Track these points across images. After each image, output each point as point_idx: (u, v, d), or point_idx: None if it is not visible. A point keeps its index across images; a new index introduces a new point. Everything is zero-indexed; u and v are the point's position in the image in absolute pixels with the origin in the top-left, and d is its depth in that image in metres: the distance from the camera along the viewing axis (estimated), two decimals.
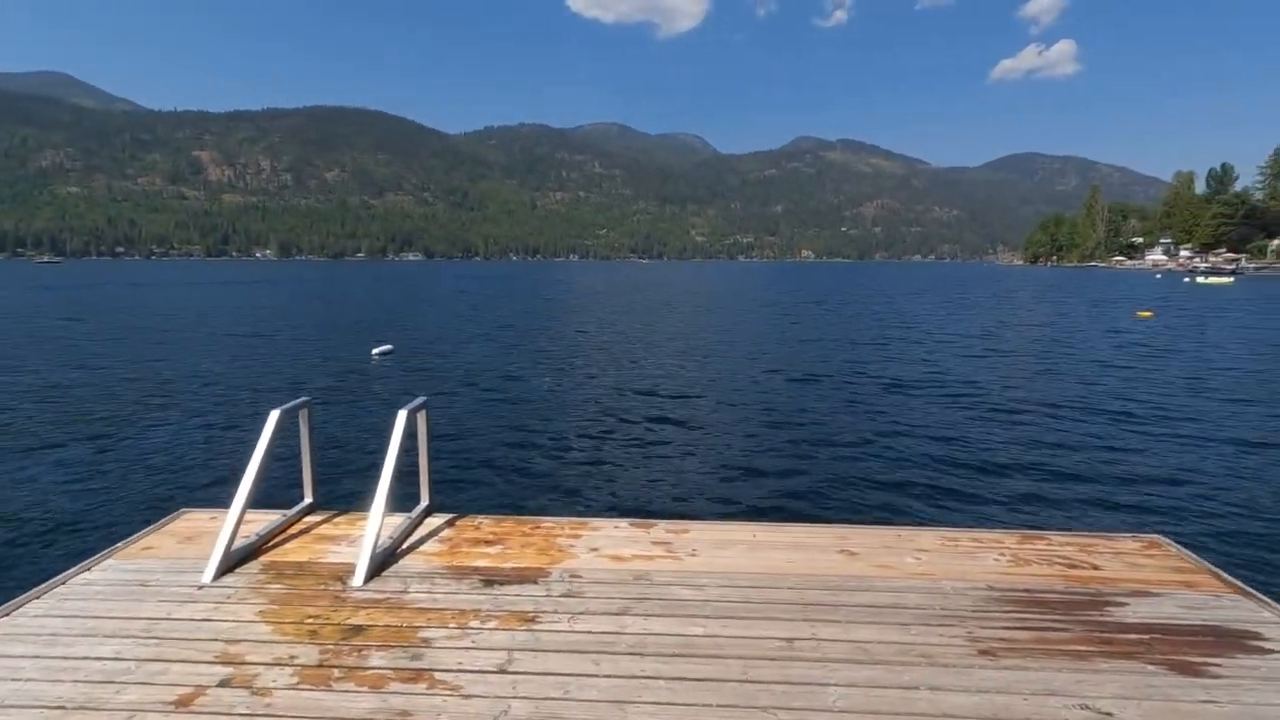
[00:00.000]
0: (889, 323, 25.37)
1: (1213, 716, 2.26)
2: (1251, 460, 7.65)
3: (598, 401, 10.65)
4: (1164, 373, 13.98)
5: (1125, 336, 20.94)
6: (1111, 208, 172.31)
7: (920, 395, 11.08)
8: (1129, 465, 7.46)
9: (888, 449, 7.87)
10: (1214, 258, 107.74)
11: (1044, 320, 27.52)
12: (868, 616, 2.76)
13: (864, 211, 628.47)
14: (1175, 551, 3.47)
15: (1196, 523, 5.69)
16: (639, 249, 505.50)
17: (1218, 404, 10.82)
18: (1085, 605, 2.94)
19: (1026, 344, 19.21)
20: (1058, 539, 3.59)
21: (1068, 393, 11.65)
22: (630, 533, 3.57)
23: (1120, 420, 9.60)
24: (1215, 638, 2.73)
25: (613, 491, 6.35)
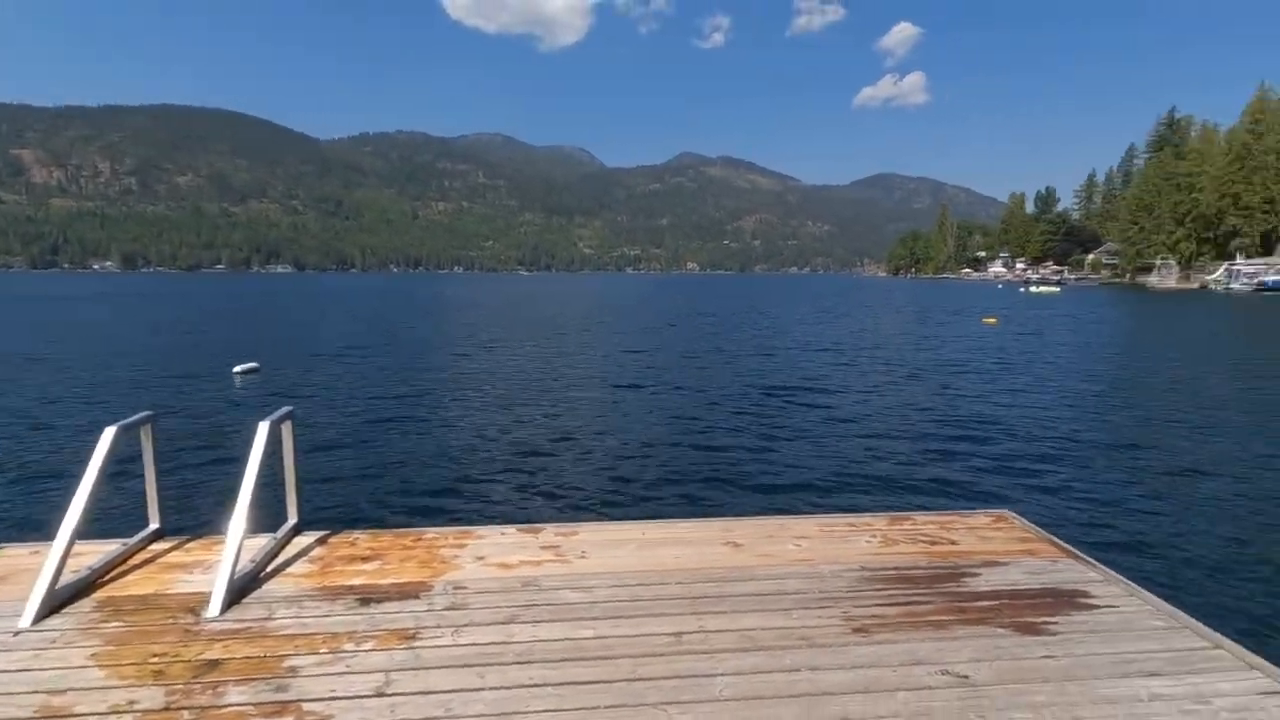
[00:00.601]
0: (768, 331, 26.58)
1: (1051, 669, 2.50)
2: (1081, 443, 8.67)
3: (483, 414, 10.38)
4: (1009, 371, 15.57)
5: (976, 340, 23.14)
6: (959, 225, 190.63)
7: (799, 398, 11.67)
8: (982, 451, 8.24)
9: (770, 447, 8.22)
10: (1043, 269, 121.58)
11: (907, 328, 29.86)
12: (752, 605, 2.84)
13: (744, 225, 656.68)
14: (1019, 524, 3.84)
15: (1038, 498, 6.36)
16: (526, 261, 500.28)
17: (1054, 397, 12.18)
18: (945, 578, 3.19)
19: (893, 349, 20.74)
20: (921, 519, 3.87)
21: (929, 392, 12.69)
22: (518, 539, 3.48)
23: (973, 413, 10.59)
24: (1053, 599, 3.04)
25: (500, 500, 6.20)
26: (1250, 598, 4.52)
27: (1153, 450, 8.51)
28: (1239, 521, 5.96)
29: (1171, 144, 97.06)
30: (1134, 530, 5.61)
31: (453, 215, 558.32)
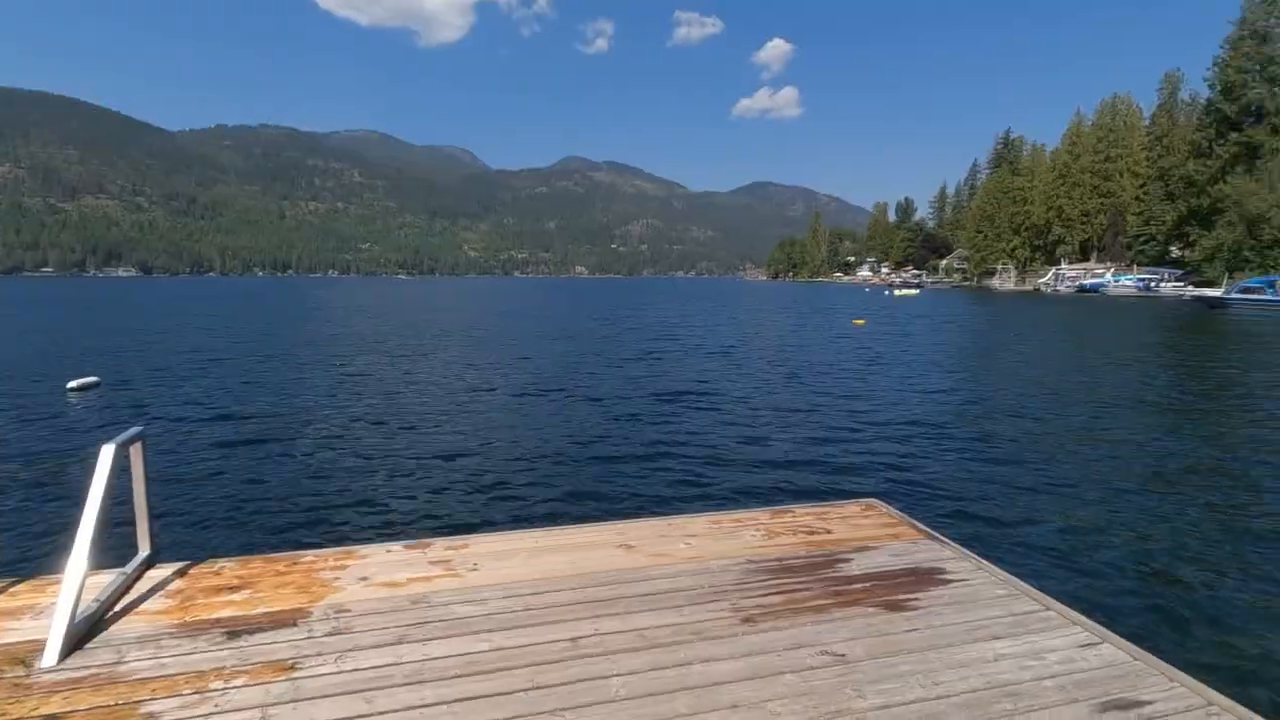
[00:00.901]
0: (657, 334, 27.11)
1: (914, 641, 2.75)
2: (936, 433, 9.51)
3: (364, 427, 9.85)
4: (877, 369, 16.79)
5: (848, 340, 24.77)
6: (831, 232, 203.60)
7: (687, 400, 11.99)
8: (854, 445, 8.84)
9: (661, 449, 8.39)
10: (905, 274, 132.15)
11: (787, 330, 31.43)
12: (645, 604, 2.91)
13: (631, 230, 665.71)
14: (886, 511, 4.17)
15: (902, 486, 6.93)
16: (408, 264, 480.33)
17: (915, 392, 13.27)
18: (822, 565, 3.41)
19: (775, 351, 21.76)
20: (800, 511, 4.12)
21: (807, 390, 13.45)
22: (405, 555, 3.36)
23: (845, 409, 11.33)
24: (915, 577, 3.33)
25: (386, 516, 5.91)
26: (1073, 563, 5.16)
27: (996, 436, 9.48)
28: (1065, 496, 6.77)
29: (1008, 161, 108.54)
30: (981, 510, 6.24)
31: (326, 216, 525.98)
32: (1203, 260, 60.13)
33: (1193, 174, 63.68)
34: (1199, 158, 63.60)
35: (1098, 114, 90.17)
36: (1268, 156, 57.29)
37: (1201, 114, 66.91)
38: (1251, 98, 59.33)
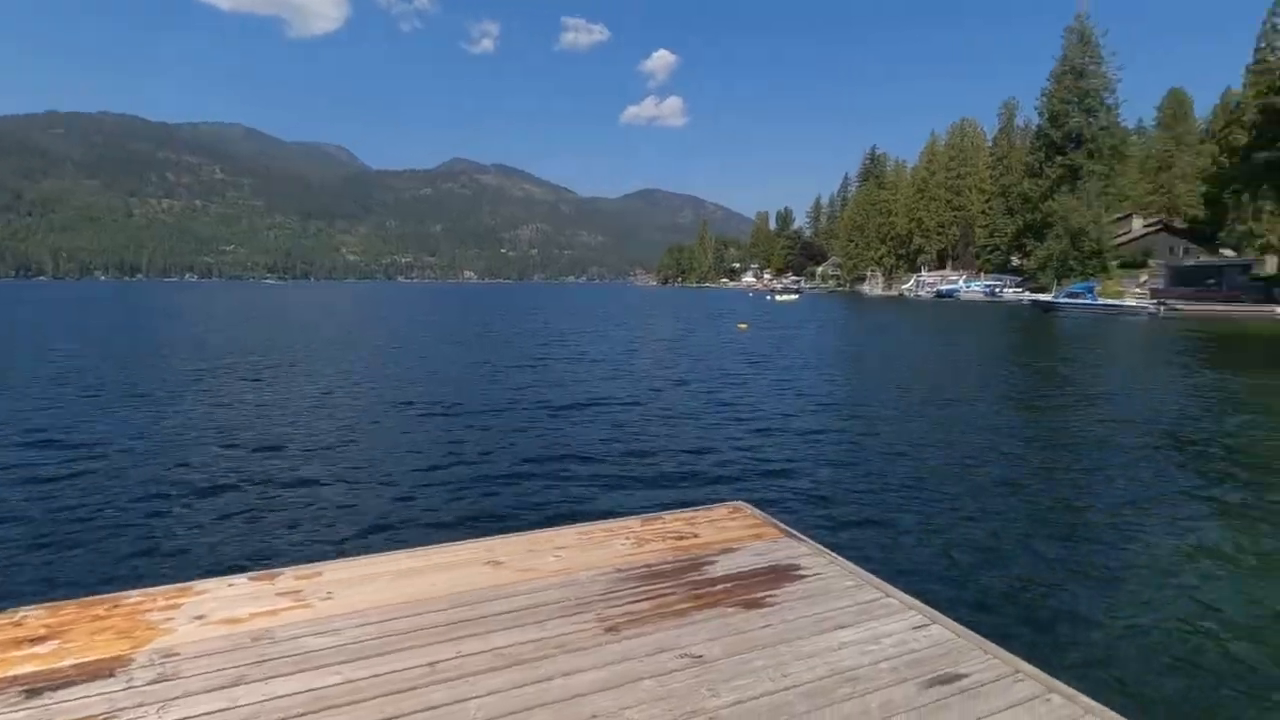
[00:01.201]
0: (544, 341, 26.89)
1: (768, 636, 2.89)
2: (804, 434, 10.06)
3: (209, 449, 9.03)
4: (757, 373, 17.53)
5: (731, 345, 25.69)
6: (717, 239, 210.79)
7: (570, 409, 11.90)
8: (728, 448, 9.13)
9: (540, 461, 8.27)
10: (785, 280, 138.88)
11: (675, 336, 32.13)
12: (509, 622, 2.88)
13: (520, 234, 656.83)
14: (751, 513, 4.37)
15: (770, 487, 7.27)
16: (278, 267, 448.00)
17: (792, 397, 13.95)
18: (688, 569, 3.51)
19: (662, 357, 22.18)
20: (670, 518, 4.22)
21: (689, 396, 13.80)
22: (249, 589, 3.13)
23: (721, 413, 11.72)
24: (773, 575, 3.51)
25: (230, 547, 5.44)
26: (919, 552, 5.63)
27: (860, 434, 10.18)
28: (918, 489, 7.38)
29: (874, 176, 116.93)
30: (841, 507, 6.67)
31: (182, 215, 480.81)
32: (1037, 268, 67.53)
33: (1027, 192, 71.41)
34: (1032, 177, 71.39)
35: (949, 135, 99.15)
36: (1086, 178, 65.36)
37: (1034, 138, 75.14)
38: (1072, 125, 67.39)
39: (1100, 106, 67.66)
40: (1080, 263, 62.59)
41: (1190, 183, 68.19)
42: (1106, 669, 3.92)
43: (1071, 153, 67.10)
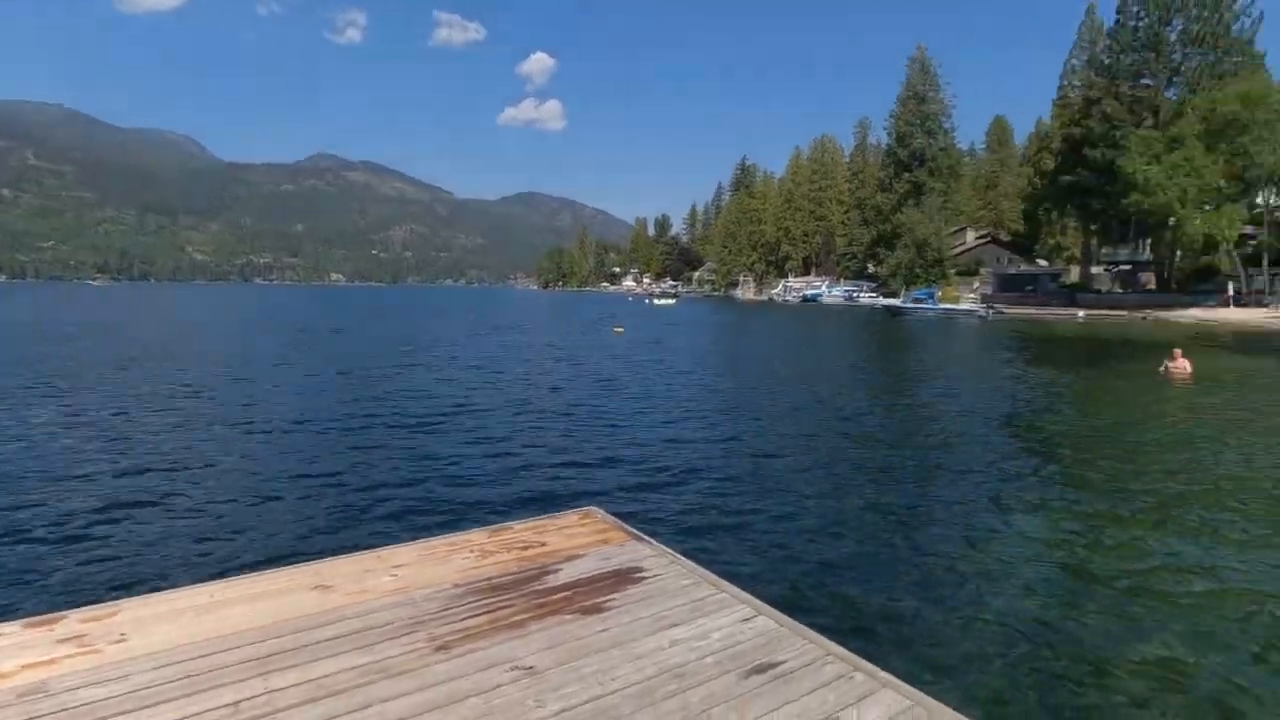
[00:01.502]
0: (412, 346, 25.83)
1: (602, 641, 2.96)
2: (670, 438, 10.34)
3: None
4: (628, 377, 17.79)
5: (607, 350, 25.91)
6: (597, 244, 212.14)
7: (436, 420, 11.37)
8: (589, 453, 9.16)
9: (389, 474, 7.84)
10: (663, 284, 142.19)
11: (553, 339, 31.94)
12: (332, 649, 2.75)
13: (393, 235, 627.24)
14: (601, 518, 4.43)
15: (628, 491, 7.41)
16: (111, 267, 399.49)
17: (656, 399, 14.29)
18: (531, 579, 3.52)
19: (537, 362, 21.97)
20: (519, 527, 4.21)
21: (558, 402, 13.75)
22: (22, 637, 2.77)
23: (587, 418, 11.79)
24: (615, 579, 3.59)
25: (8, 594, 4.77)
26: (759, 548, 5.94)
27: (719, 435, 10.61)
28: (765, 490, 7.80)
29: (745, 186, 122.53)
30: (693, 509, 6.87)
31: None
32: (889, 275, 73.68)
33: (880, 205, 77.77)
34: (884, 191, 77.85)
35: (812, 150, 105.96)
36: (928, 194, 72.21)
37: (884, 156, 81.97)
38: (916, 146, 74.22)
39: (939, 129, 74.97)
40: (924, 270, 68.94)
41: (1012, 200, 77.13)
42: (927, 648, 4.34)
43: (916, 170, 73.79)
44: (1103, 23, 58.51)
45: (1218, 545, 6.02)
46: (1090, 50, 60.00)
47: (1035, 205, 65.92)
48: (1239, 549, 5.92)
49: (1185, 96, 47.84)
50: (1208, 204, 42.48)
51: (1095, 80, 54.74)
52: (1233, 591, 5.09)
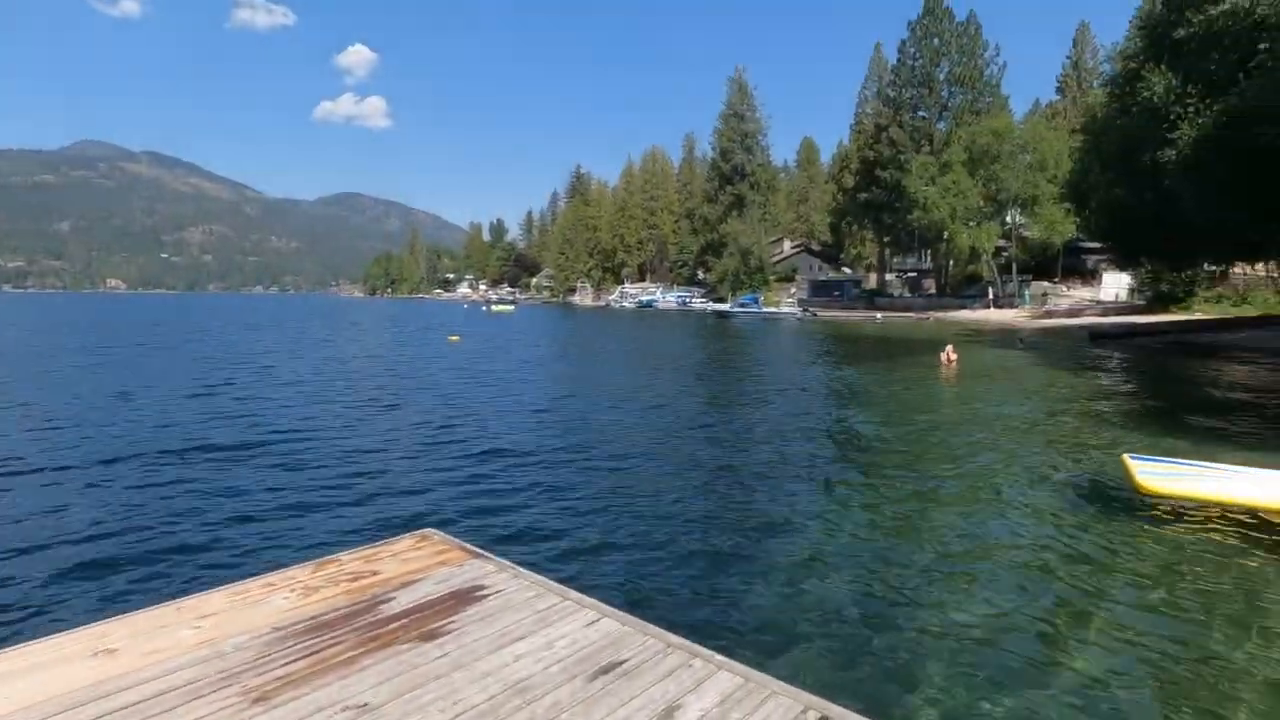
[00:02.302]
0: (216, 364, 23.07)
1: (443, 666, 2.86)
2: (512, 450, 10.18)
3: None
4: (466, 388, 17.24)
5: (444, 359, 24.88)
6: (429, 249, 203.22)
7: (236, 449, 9.89)
8: (424, 472, 8.70)
9: (188, 515, 6.84)
10: (501, 290, 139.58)
11: (382, 350, 30.08)
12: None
13: (189, 237, 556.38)
14: (440, 539, 4.27)
15: (470, 509, 7.17)
16: None
17: (499, 411, 13.99)
18: (362, 611, 3.31)
19: (365, 375, 20.57)
20: (348, 558, 3.93)
21: (387, 418, 12.99)
22: None
23: (423, 434, 11.25)
24: (456, 600, 3.49)
25: None
26: (600, 553, 6.06)
27: (562, 444, 10.63)
28: (606, 496, 7.95)
29: (580, 193, 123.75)
30: (535, 521, 6.82)
31: None
32: (717, 281, 78.28)
33: (707, 215, 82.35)
34: (710, 203, 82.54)
35: (643, 161, 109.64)
36: (749, 206, 77.75)
37: (710, 169, 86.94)
38: (737, 161, 79.63)
39: (757, 147, 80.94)
40: (749, 277, 74.11)
41: (821, 213, 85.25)
42: (757, 630, 4.66)
43: (738, 184, 79.06)
44: (888, 60, 66.64)
45: (985, 509, 7.11)
46: (878, 83, 68.06)
47: (839, 218, 73.58)
48: (1000, 513, 7.04)
49: (952, 128, 55.85)
50: (972, 221, 49.91)
51: (883, 110, 62.18)
52: (1003, 545, 6.04)
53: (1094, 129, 32.13)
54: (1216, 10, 19.99)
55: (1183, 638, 4.45)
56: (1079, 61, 72.07)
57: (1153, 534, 6.26)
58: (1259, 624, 4.61)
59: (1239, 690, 3.88)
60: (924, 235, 56.40)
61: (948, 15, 57.27)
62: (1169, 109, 21.42)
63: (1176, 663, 4.16)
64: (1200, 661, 4.19)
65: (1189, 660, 4.19)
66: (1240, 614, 4.74)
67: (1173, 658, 4.21)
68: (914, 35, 58.60)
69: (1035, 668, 4.12)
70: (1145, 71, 23.89)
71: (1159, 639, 4.42)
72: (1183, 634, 4.50)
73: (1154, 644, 4.37)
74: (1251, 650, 4.29)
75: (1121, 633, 4.53)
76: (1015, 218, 50.67)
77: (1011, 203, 49.27)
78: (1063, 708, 3.71)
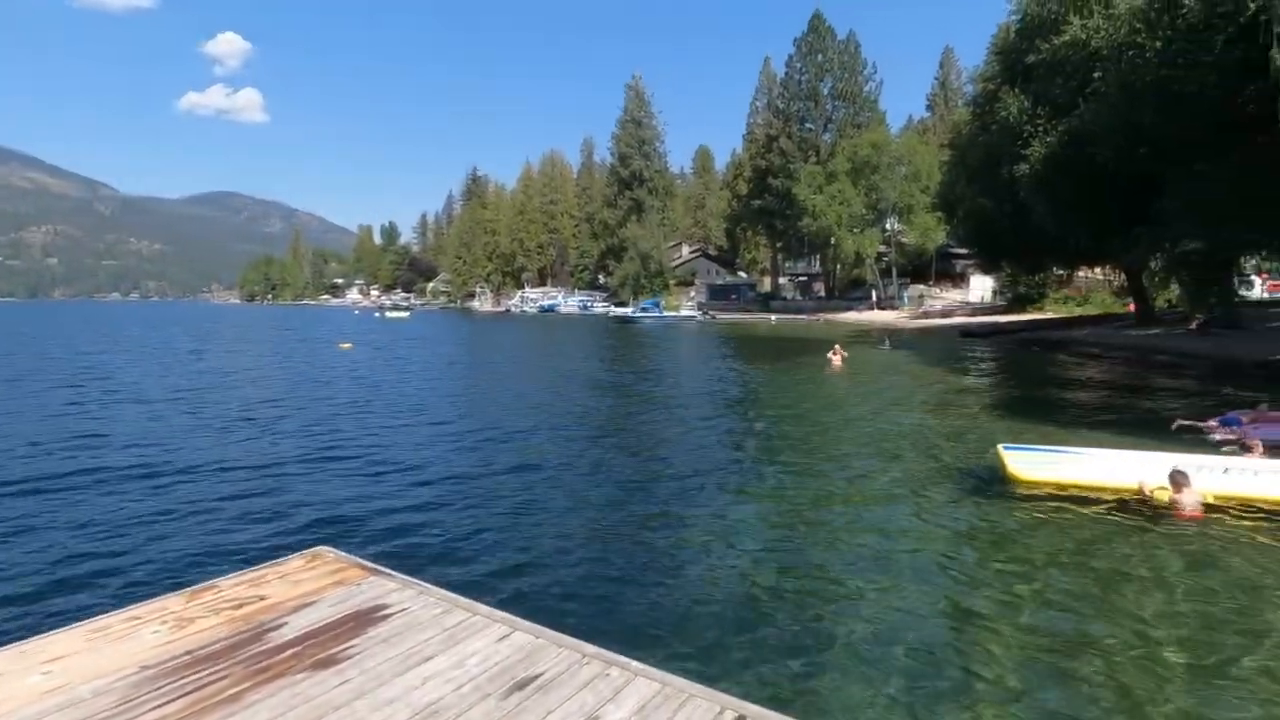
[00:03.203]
0: (52, 383, 20.64)
1: (344, 695, 2.66)
2: (414, 465, 9.69)
3: None
4: (362, 397, 16.32)
5: (334, 369, 23.47)
6: (315, 252, 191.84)
7: (89, 475, 9.04)
8: (309, 489, 8.09)
9: (24, 550, 6.08)
10: (395, 296, 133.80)
11: (260, 360, 28.03)
12: None
13: (30, 238, 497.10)
14: (334, 557, 4.00)
15: (366, 525, 6.77)
16: None
17: (397, 421, 13.32)
18: (248, 641, 3.03)
19: (237, 388, 19.06)
20: (229, 584, 3.60)
21: (269, 432, 12.07)
22: None
23: (311, 448, 10.41)
24: (355, 622, 3.26)
25: None
26: (511, 565, 5.87)
27: (464, 455, 10.29)
28: (515, 506, 7.71)
29: (477, 196, 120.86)
30: (439, 535, 6.52)
31: None
32: (619, 285, 78.67)
33: (607, 219, 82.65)
34: (609, 207, 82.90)
35: (541, 164, 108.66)
36: (648, 211, 78.79)
37: (609, 174, 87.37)
38: (635, 167, 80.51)
39: (654, 153, 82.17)
40: (649, 281, 75.02)
41: (717, 219, 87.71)
42: (673, 633, 4.67)
43: (636, 189, 79.92)
44: (776, 73, 69.55)
45: (877, 504, 7.53)
46: (769, 95, 70.92)
47: (734, 224, 76.01)
48: (891, 507, 7.47)
49: (836, 140, 59.08)
50: (856, 228, 52.99)
51: (773, 121, 64.82)
52: (896, 538, 6.40)
53: (960, 144, 34.98)
54: (1060, 40, 22.28)
55: (1058, 616, 4.87)
56: (946, 82, 78.39)
57: (1024, 518, 6.83)
58: (1119, 595, 5.13)
59: (1111, 657, 4.29)
60: (813, 241, 59.22)
61: (830, 33, 60.53)
62: (1022, 128, 23.60)
63: (1055, 638, 4.55)
64: (1081, 637, 4.60)
65: (1068, 635, 4.60)
66: (1103, 589, 5.26)
67: (1053, 634, 4.60)
68: (800, 51, 61.50)
69: (931, 654, 4.36)
70: (1002, 93, 26.25)
71: (1039, 620, 4.82)
72: (1058, 612, 4.93)
73: (1036, 625, 4.76)
74: (1113, 618, 4.76)
75: (1004, 614, 4.90)
76: (894, 225, 54.30)
77: (890, 211, 52.77)
78: (958, 692, 3.94)
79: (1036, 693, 3.88)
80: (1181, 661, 4.15)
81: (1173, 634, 4.46)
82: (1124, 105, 17.82)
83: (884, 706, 3.77)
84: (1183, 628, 4.55)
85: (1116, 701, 3.79)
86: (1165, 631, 4.50)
